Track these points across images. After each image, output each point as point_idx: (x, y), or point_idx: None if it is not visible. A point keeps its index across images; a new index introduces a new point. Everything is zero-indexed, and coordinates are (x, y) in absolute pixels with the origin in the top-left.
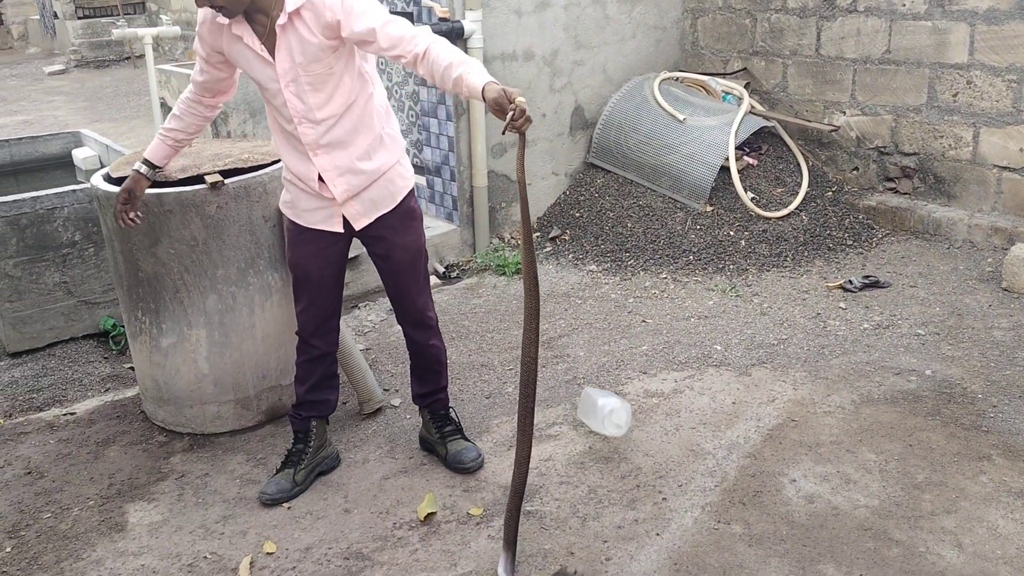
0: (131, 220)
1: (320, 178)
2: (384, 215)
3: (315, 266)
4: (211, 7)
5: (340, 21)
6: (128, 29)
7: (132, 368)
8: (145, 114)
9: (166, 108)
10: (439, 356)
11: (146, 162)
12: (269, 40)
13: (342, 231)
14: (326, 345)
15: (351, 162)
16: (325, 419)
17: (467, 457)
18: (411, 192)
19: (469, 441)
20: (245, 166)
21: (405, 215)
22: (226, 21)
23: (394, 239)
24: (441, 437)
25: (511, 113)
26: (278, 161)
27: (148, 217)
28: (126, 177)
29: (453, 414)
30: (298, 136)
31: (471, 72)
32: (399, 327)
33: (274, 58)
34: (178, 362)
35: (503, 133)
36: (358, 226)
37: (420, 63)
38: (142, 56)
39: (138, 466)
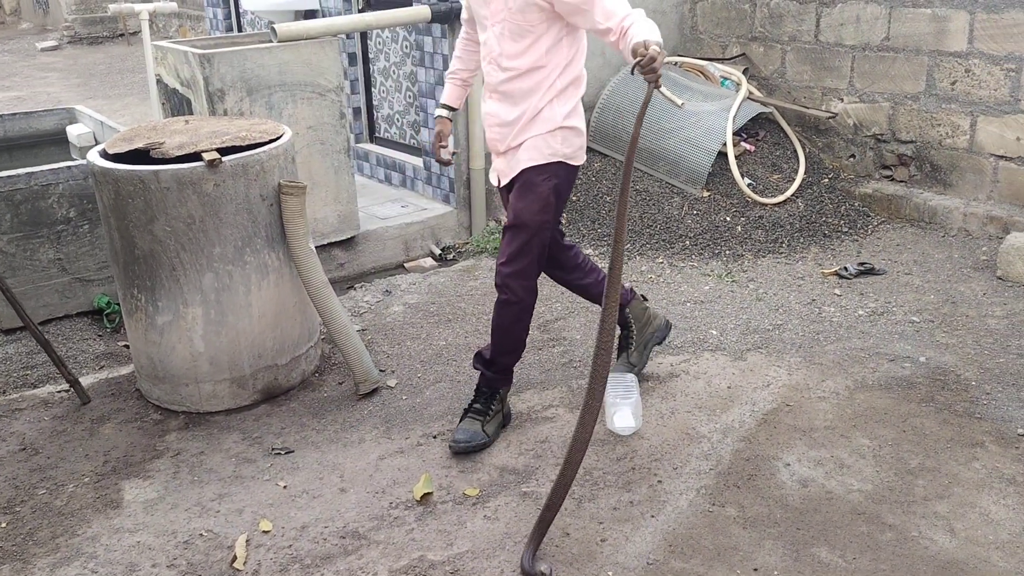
0: (449, 157)
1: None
2: (512, 179)
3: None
4: None
5: None
6: (124, 4)
7: (127, 346)
8: (140, 91)
9: (162, 85)
10: (504, 318)
11: (444, 106)
12: None
13: (497, 185)
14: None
15: (511, 119)
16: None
17: (456, 437)
18: (542, 167)
19: (480, 427)
20: (243, 144)
21: (524, 185)
22: None
23: (512, 202)
24: (465, 409)
25: (638, 59)
26: (276, 139)
27: (144, 194)
28: (123, 153)
29: (494, 400)
30: (486, 74)
31: (634, 31)
32: (396, 308)
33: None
34: (174, 340)
35: (631, 73)
36: (498, 183)
37: (621, 40)
38: (136, 33)
39: (133, 444)
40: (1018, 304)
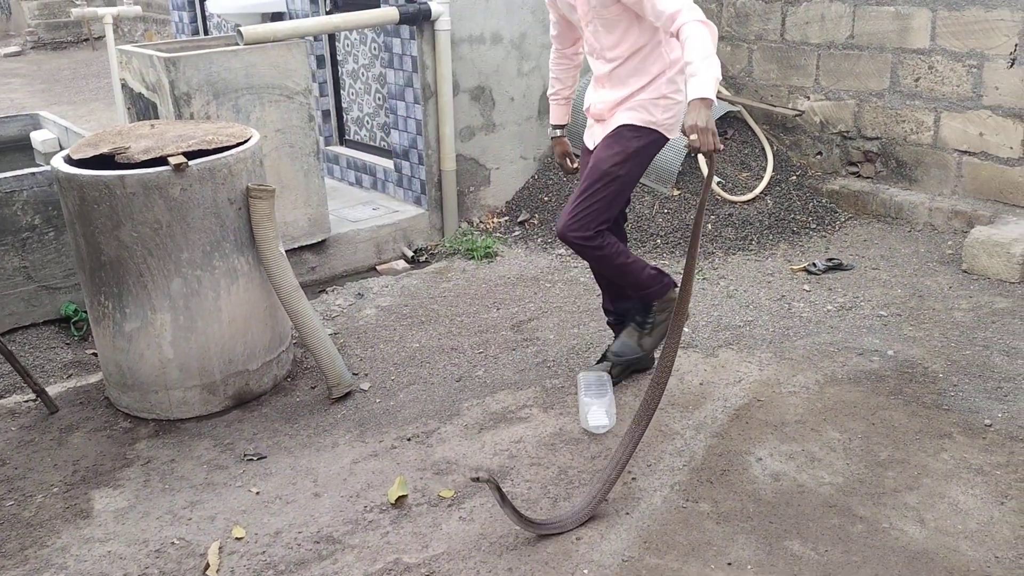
0: (575, 169)
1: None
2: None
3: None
4: None
5: None
6: (87, 9)
7: (95, 354)
8: (105, 96)
9: (127, 90)
10: (602, 269)
11: (556, 127)
12: None
13: (591, 148)
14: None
15: (623, 96)
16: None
17: (616, 350)
18: (639, 131)
19: (634, 343)
20: (210, 148)
21: (614, 135)
22: None
23: (595, 152)
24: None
25: (689, 145)
26: (244, 143)
27: (110, 200)
28: (88, 158)
29: (649, 314)
30: (595, 68)
31: (691, 82)
32: (368, 311)
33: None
34: (142, 347)
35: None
36: (590, 144)
37: (679, 41)
38: (101, 38)
39: (103, 452)
40: (983, 297)
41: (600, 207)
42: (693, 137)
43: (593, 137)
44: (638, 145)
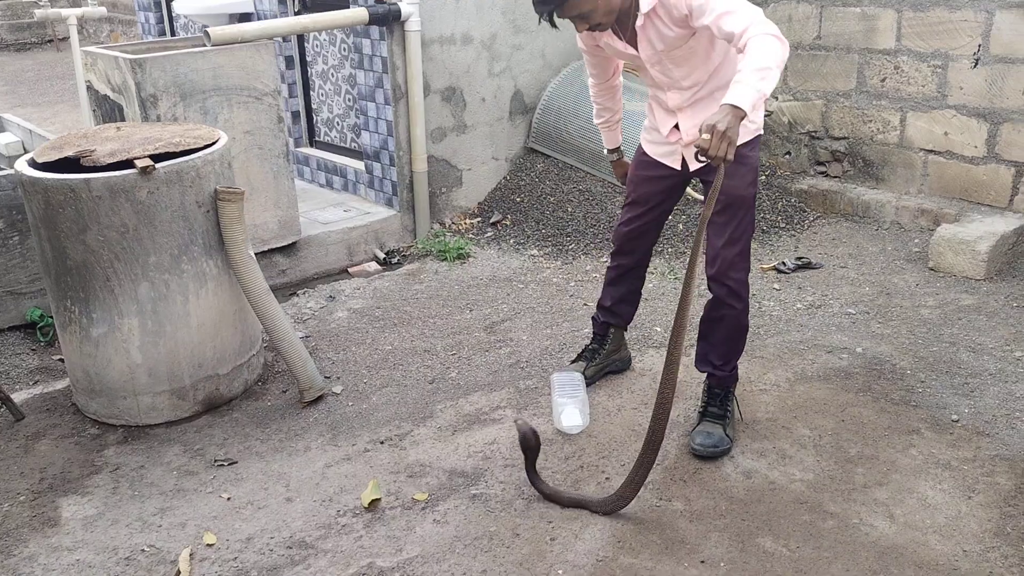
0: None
1: (675, 127)
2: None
3: (646, 189)
4: (588, 30)
5: (687, 15)
6: (51, 9)
7: (62, 360)
8: (70, 98)
9: (92, 92)
10: (730, 326)
11: (612, 151)
12: (631, 37)
13: (679, 169)
14: (631, 262)
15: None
16: (626, 328)
17: (701, 441)
18: (748, 142)
19: (722, 431)
20: (177, 150)
21: (734, 161)
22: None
23: (724, 181)
24: (700, 411)
25: (697, 146)
26: (212, 144)
27: (75, 204)
28: (52, 161)
29: (729, 401)
30: (665, 99)
31: (732, 87)
32: (340, 314)
33: (637, 49)
34: (110, 352)
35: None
36: (692, 167)
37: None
38: (66, 39)
39: (70, 460)
40: (949, 294)
41: (750, 236)
42: (705, 136)
43: (675, 156)
44: (756, 156)
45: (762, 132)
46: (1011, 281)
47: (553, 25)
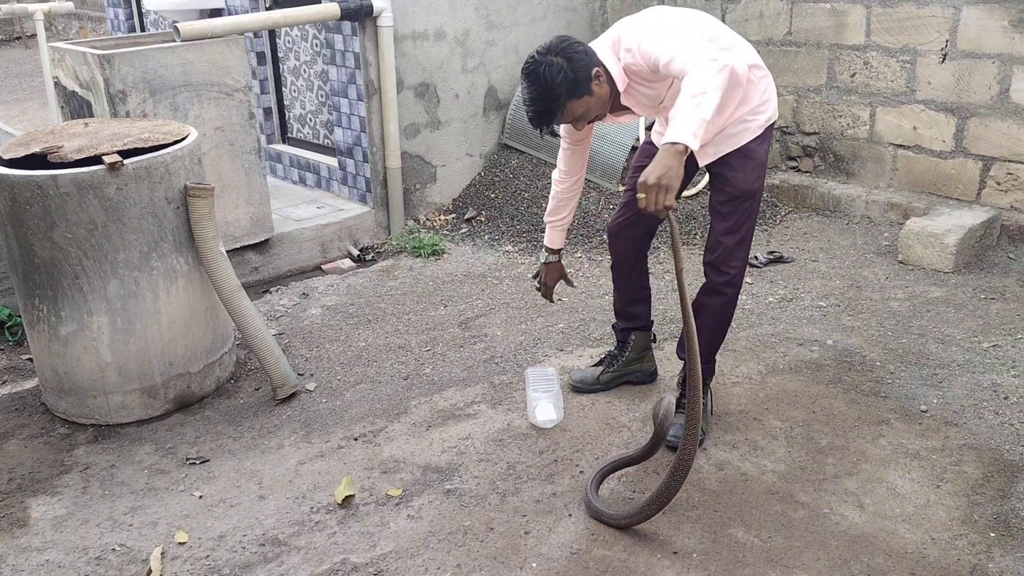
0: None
1: None
2: (726, 154)
3: None
4: (589, 123)
5: (654, 70)
6: (17, 5)
7: (30, 359)
8: (39, 95)
9: (60, 88)
10: (717, 313)
11: (552, 251)
12: (617, 108)
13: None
14: (629, 255)
15: (719, 127)
16: (647, 330)
17: (675, 433)
18: (757, 136)
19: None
20: (146, 146)
21: (742, 155)
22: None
23: (726, 174)
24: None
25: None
26: (181, 140)
27: (43, 200)
28: (19, 158)
29: (704, 394)
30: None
31: (669, 125)
32: (313, 311)
33: (631, 111)
34: (79, 351)
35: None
36: (702, 163)
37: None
38: (33, 36)
39: (40, 459)
40: (918, 287)
41: (753, 226)
42: (640, 196)
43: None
44: (764, 150)
45: (774, 121)
46: (979, 273)
47: (554, 135)
